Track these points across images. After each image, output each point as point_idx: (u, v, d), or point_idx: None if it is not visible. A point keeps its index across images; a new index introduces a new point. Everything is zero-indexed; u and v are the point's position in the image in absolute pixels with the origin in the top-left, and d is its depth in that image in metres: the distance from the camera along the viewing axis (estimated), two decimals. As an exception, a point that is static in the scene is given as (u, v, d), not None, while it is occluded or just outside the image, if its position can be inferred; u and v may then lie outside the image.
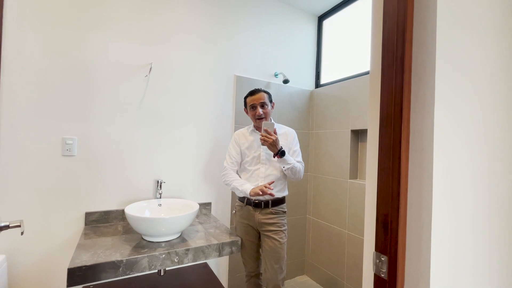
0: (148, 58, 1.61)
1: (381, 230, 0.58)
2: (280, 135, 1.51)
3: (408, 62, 0.57)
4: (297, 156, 1.52)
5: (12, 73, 1.29)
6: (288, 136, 1.55)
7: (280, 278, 1.41)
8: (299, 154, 1.54)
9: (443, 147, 0.56)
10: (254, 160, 1.52)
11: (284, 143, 1.51)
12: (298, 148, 1.56)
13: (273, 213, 1.46)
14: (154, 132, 1.64)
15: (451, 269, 0.59)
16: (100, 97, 1.49)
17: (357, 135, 1.99)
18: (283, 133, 1.54)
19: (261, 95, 1.50)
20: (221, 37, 1.87)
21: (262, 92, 1.52)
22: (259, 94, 1.51)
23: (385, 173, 0.57)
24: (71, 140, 1.42)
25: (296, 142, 1.56)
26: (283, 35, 2.17)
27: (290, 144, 1.53)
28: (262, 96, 1.50)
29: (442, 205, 0.56)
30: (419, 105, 0.56)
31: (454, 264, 0.60)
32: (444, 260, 0.57)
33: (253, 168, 1.52)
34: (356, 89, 1.92)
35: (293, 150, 1.53)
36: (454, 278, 0.60)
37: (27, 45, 1.32)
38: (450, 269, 0.59)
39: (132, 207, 1.39)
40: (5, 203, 1.28)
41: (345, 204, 1.96)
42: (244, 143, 1.56)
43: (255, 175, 1.50)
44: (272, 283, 1.40)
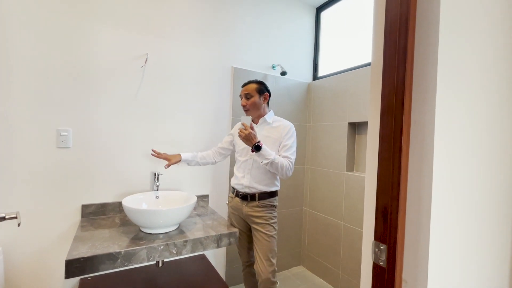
0: (144, 48, 1.58)
1: (380, 219, 0.59)
2: (274, 128, 1.48)
3: (410, 52, 0.57)
4: (286, 151, 1.41)
5: (4, 64, 1.25)
6: (281, 130, 1.45)
7: (270, 270, 1.38)
8: (288, 149, 1.41)
9: (444, 138, 0.56)
10: (244, 151, 1.51)
11: (275, 136, 1.44)
12: (290, 143, 1.43)
13: (260, 206, 1.44)
14: (151, 123, 1.62)
15: (449, 257, 0.60)
16: (94, 88, 1.46)
17: (354, 128, 2.00)
18: (276, 126, 1.48)
19: (248, 86, 1.49)
20: (218, 28, 1.84)
21: (252, 83, 1.50)
22: (248, 85, 1.50)
23: (385, 163, 0.57)
24: (66, 132, 1.39)
25: (289, 137, 1.44)
26: (281, 27, 2.15)
27: (281, 138, 1.44)
28: (249, 87, 1.48)
29: (442, 194, 0.57)
30: (421, 95, 0.56)
31: (452, 253, 0.61)
32: (443, 248, 0.59)
33: (242, 159, 1.51)
34: (353, 81, 1.92)
35: (283, 144, 1.42)
36: (452, 267, 0.61)
37: (20, 36, 1.27)
38: (449, 257, 0.60)
39: (130, 199, 1.38)
40: (1, 196, 1.25)
41: (341, 196, 1.98)
42: (237, 134, 1.56)
43: (243, 166, 1.50)
44: (262, 275, 1.39)
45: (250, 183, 1.45)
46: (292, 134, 1.47)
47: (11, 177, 1.28)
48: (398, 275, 0.57)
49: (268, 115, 1.52)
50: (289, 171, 1.39)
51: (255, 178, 1.45)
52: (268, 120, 1.50)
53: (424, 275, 0.55)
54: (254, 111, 1.49)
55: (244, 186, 1.47)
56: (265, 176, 1.45)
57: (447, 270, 0.61)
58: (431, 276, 0.55)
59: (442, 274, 0.59)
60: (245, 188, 1.47)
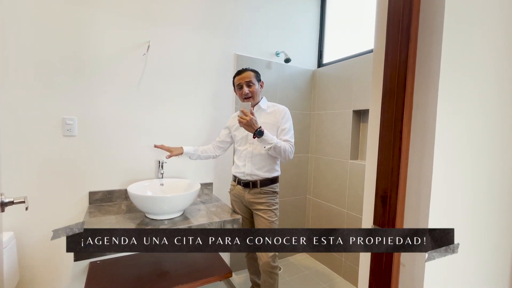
0: (146, 36, 1.56)
1: (379, 204, 0.59)
2: (269, 114, 1.48)
3: (414, 33, 0.55)
4: (285, 135, 1.42)
5: (10, 54, 1.26)
6: (277, 114, 1.46)
7: (270, 255, 1.42)
8: (287, 132, 1.43)
9: (447, 121, 0.55)
10: (242, 140, 1.51)
11: (272, 122, 1.45)
12: (288, 126, 1.45)
13: (262, 193, 1.46)
14: (154, 112, 1.63)
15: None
16: (98, 77, 1.46)
17: (359, 116, 1.97)
18: (272, 112, 1.48)
19: (247, 74, 1.46)
20: (221, 14, 1.80)
21: (249, 71, 1.48)
22: (245, 73, 1.47)
23: (386, 148, 0.57)
24: (71, 121, 1.41)
25: (286, 120, 1.45)
26: (285, 13, 2.09)
27: (278, 122, 1.45)
28: (248, 74, 1.46)
29: (443, 180, 0.56)
30: (424, 77, 0.55)
31: (451, 237, 0.61)
32: (441, 233, 0.58)
33: (241, 148, 1.51)
34: (359, 68, 1.88)
35: (281, 128, 1.44)
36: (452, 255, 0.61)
37: (24, 26, 1.28)
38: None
39: (135, 186, 1.41)
40: (11, 183, 1.29)
41: (345, 184, 1.98)
42: (234, 125, 1.56)
43: (243, 155, 1.50)
44: (263, 259, 1.43)
45: (251, 171, 1.46)
46: (289, 117, 1.48)
47: (21, 165, 1.31)
48: (396, 259, 0.57)
49: (262, 101, 1.52)
50: (291, 154, 1.41)
51: (256, 165, 1.46)
52: (262, 107, 1.50)
53: (422, 259, 0.55)
54: (255, 99, 1.48)
55: (246, 174, 1.48)
56: (265, 163, 1.46)
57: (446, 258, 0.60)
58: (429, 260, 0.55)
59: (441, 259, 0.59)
60: (246, 176, 1.48)
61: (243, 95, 1.47)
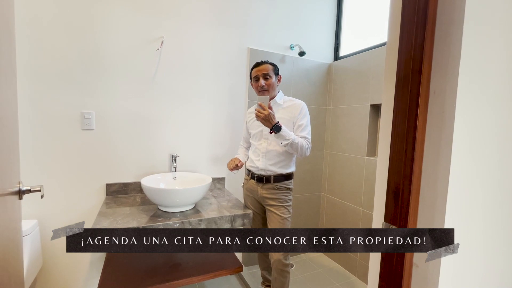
0: (160, 31, 1.58)
1: (391, 200, 0.55)
2: (285, 109, 1.44)
3: (431, 13, 0.50)
4: (302, 131, 1.40)
5: (31, 49, 1.32)
6: (294, 110, 1.43)
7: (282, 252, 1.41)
8: (304, 128, 1.41)
9: (467, 110, 0.50)
10: (257, 135, 1.49)
11: (288, 117, 1.42)
12: (305, 122, 1.42)
13: (275, 188, 1.44)
14: (168, 106, 1.65)
15: (466, 244, 0.55)
16: (113, 72, 1.50)
17: (377, 110, 1.89)
18: (288, 106, 1.45)
19: (265, 66, 1.43)
20: (234, 7, 1.79)
21: (267, 63, 1.44)
22: (263, 65, 1.44)
23: (399, 138, 0.53)
24: (89, 115, 1.46)
25: (303, 116, 1.42)
26: (300, 4, 2.04)
27: (295, 118, 1.42)
28: (266, 67, 1.43)
29: (461, 174, 0.51)
30: (442, 62, 0.50)
31: (471, 239, 0.56)
32: (459, 232, 0.53)
33: (256, 143, 1.50)
34: (377, 60, 1.79)
35: (297, 124, 1.41)
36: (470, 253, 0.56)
37: (44, 24, 1.33)
38: (465, 243, 0.55)
39: (149, 179, 1.44)
40: (33, 174, 1.37)
41: (361, 181, 1.91)
42: (251, 120, 1.54)
43: (257, 150, 1.48)
44: (274, 256, 1.41)
45: (265, 166, 1.44)
46: (306, 113, 1.44)
47: (43, 157, 1.38)
48: (408, 259, 0.54)
49: (278, 96, 1.48)
50: (308, 150, 1.39)
51: (270, 160, 1.43)
52: (278, 102, 1.47)
53: (437, 260, 0.51)
54: (271, 92, 1.45)
55: (260, 169, 1.46)
56: (280, 159, 1.43)
57: (464, 256, 0.56)
58: (444, 261, 0.50)
59: (456, 260, 0.54)
60: (260, 170, 1.46)
61: (258, 87, 1.44)
